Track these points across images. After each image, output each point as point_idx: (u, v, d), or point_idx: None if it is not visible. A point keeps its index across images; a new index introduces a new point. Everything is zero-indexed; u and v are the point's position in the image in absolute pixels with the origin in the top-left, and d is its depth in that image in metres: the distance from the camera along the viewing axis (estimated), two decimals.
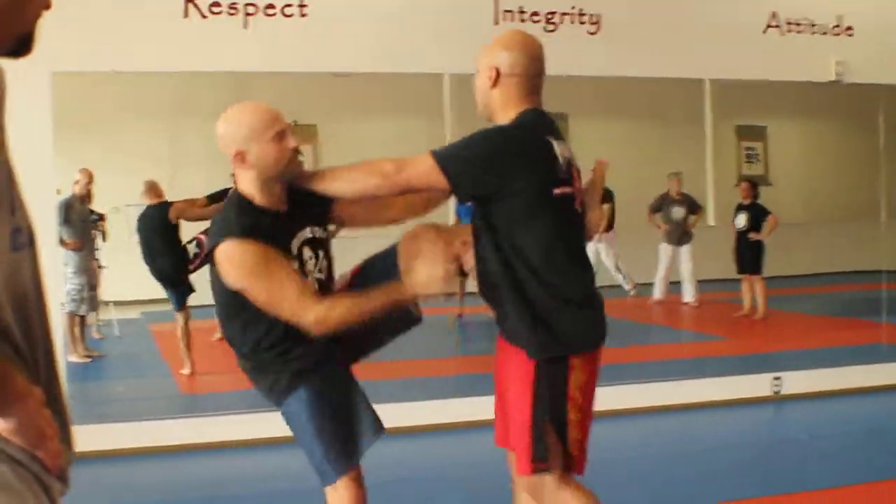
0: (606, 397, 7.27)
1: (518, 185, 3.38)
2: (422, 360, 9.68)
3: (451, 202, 4.46)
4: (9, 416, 1.57)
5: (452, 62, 7.08)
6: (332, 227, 3.80)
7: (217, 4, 6.77)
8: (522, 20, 7.36)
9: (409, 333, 3.82)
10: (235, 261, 3.35)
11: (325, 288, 3.63)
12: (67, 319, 9.45)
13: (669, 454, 6.65)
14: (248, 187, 3.50)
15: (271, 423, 6.58)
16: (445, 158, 3.39)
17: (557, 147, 3.47)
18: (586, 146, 15.03)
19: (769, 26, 8.01)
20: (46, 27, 5.83)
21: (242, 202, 3.49)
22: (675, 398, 7.79)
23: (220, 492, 6.06)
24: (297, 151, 3.49)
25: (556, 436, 3.45)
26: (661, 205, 13.60)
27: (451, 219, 9.51)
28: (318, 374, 3.55)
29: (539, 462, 3.44)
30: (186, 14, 6.72)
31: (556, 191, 3.44)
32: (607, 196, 12.87)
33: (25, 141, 6.30)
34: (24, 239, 1.67)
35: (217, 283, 3.49)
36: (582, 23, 7.51)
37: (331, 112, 13.39)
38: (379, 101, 12.46)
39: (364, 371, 3.79)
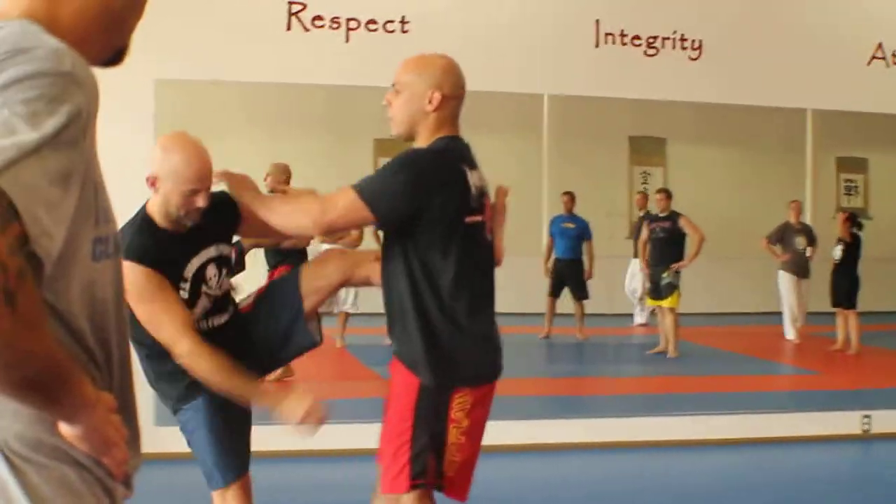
0: (706, 426, 7.35)
1: (433, 212, 3.37)
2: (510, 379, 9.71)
3: None
4: (75, 423, 1.60)
5: (552, 83, 7.11)
6: (244, 243, 3.92)
7: (319, 18, 6.85)
8: (623, 43, 7.34)
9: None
10: (128, 281, 3.40)
11: (223, 306, 3.77)
12: None
13: (754, 485, 6.57)
14: (153, 208, 3.59)
15: (347, 435, 6.78)
16: (370, 194, 3.37)
17: (471, 176, 3.46)
18: (684, 170, 14.99)
19: (874, 57, 7.87)
20: (151, 37, 5.96)
21: (144, 222, 3.58)
22: (765, 431, 7.67)
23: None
24: (199, 210, 3.52)
25: (434, 456, 3.46)
26: (782, 234, 13.00)
27: None
28: (210, 391, 3.62)
29: (416, 479, 3.45)
30: (289, 27, 6.81)
31: (468, 219, 3.45)
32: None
33: (128, 145, 6.49)
34: (107, 248, 1.71)
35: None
36: (683, 48, 7.45)
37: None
38: (479, 116, 12.49)
39: None
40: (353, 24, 6.91)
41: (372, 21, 6.95)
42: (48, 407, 1.54)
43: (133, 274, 3.38)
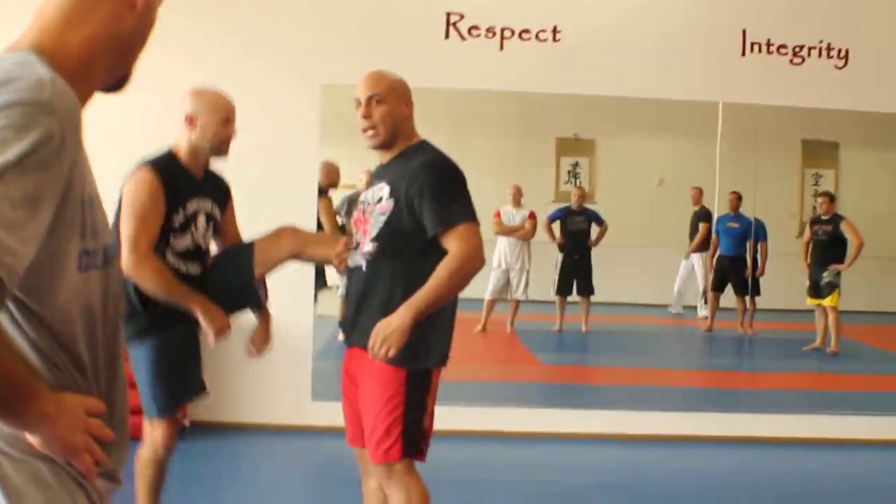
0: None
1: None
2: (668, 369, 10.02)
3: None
4: (35, 434, 1.70)
5: (698, 90, 7.50)
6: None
7: (476, 28, 7.37)
8: (770, 52, 7.56)
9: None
10: (133, 183, 4.13)
11: (202, 254, 4.35)
12: None
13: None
14: (180, 146, 4.31)
15: (480, 417, 7.26)
16: (470, 213, 3.87)
17: None
18: (858, 175, 14.89)
19: None
20: (318, 45, 6.73)
21: (170, 154, 4.30)
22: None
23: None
24: (230, 140, 4.31)
25: (421, 428, 3.92)
26: None
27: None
28: (166, 331, 4.24)
29: (410, 449, 3.89)
30: (447, 35, 7.37)
31: None
32: (704, 216, 12.82)
33: (295, 147, 7.16)
34: (94, 260, 1.79)
35: (115, 216, 4.15)
36: (829, 57, 7.66)
37: (608, 128, 13.84)
38: (654, 120, 12.78)
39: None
40: (507, 34, 7.42)
41: (525, 31, 7.42)
42: (7, 419, 1.65)
43: (139, 176, 4.13)
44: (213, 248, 4.55)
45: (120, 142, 6.29)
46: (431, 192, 3.83)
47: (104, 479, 1.87)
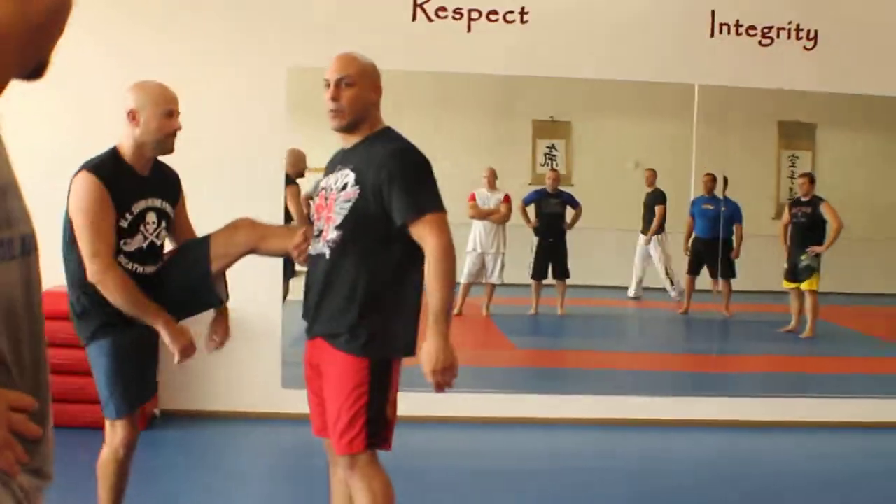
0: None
1: None
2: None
3: None
4: None
5: (668, 71, 7.49)
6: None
7: (443, 9, 7.32)
8: (739, 33, 7.55)
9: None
10: (78, 190, 4.05)
11: (156, 252, 4.29)
12: None
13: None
14: (124, 144, 4.20)
15: (484, 403, 7.25)
16: (439, 203, 3.85)
17: None
18: (834, 156, 14.90)
19: None
20: (283, 27, 6.67)
21: (114, 154, 4.18)
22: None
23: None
24: (175, 133, 4.20)
25: (384, 418, 3.90)
26: None
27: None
28: (122, 331, 4.18)
29: (374, 439, 3.88)
30: (414, 17, 7.31)
31: None
32: (660, 198, 12.77)
33: (263, 130, 7.11)
34: (11, 250, 1.74)
35: (65, 217, 4.14)
36: (799, 38, 7.64)
37: (585, 110, 13.80)
38: (631, 102, 12.74)
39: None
40: (474, 15, 7.36)
41: (493, 12, 7.36)
42: None
43: (83, 182, 4.04)
44: (168, 245, 4.49)
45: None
46: (401, 181, 3.80)
47: (31, 476, 1.79)
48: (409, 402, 7.24)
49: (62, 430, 6.34)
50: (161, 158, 4.36)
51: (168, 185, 4.39)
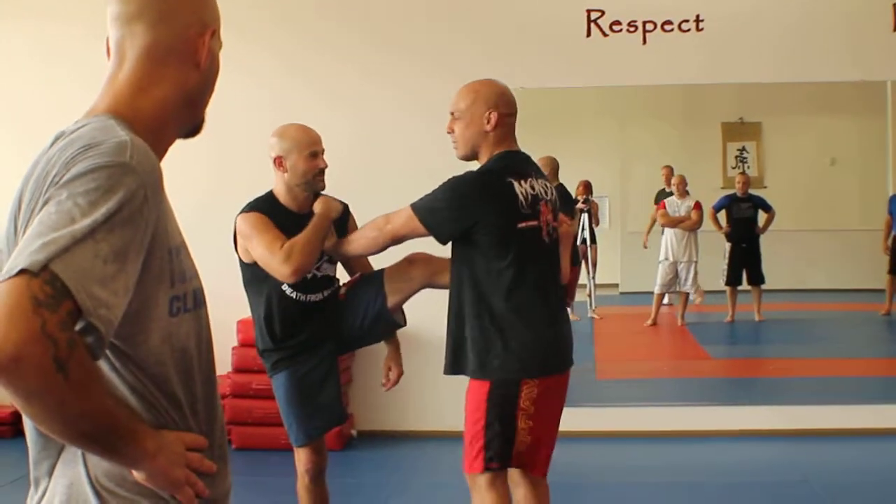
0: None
1: (485, 223, 3.81)
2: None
3: None
4: (137, 469, 1.80)
5: (839, 71, 7.29)
6: None
7: (617, 23, 7.33)
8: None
9: None
10: (242, 226, 4.18)
11: (320, 286, 4.39)
12: None
13: None
14: (277, 188, 4.35)
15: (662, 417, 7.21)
16: (420, 209, 3.86)
17: (519, 186, 3.85)
18: None
19: None
20: (462, 49, 6.76)
21: (269, 197, 4.35)
22: None
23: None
24: (322, 171, 4.28)
25: (505, 441, 3.89)
26: None
27: None
28: (298, 365, 4.36)
29: (490, 462, 3.90)
30: (589, 33, 7.35)
31: (521, 224, 3.85)
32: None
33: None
34: (185, 304, 1.91)
35: (240, 262, 4.32)
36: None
37: (774, 110, 13.53)
38: (821, 98, 12.43)
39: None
40: (649, 27, 7.35)
41: (667, 22, 7.34)
42: (108, 455, 1.77)
43: (246, 219, 4.19)
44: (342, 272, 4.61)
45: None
46: None
47: None
48: (601, 419, 7.40)
49: (273, 452, 6.59)
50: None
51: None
